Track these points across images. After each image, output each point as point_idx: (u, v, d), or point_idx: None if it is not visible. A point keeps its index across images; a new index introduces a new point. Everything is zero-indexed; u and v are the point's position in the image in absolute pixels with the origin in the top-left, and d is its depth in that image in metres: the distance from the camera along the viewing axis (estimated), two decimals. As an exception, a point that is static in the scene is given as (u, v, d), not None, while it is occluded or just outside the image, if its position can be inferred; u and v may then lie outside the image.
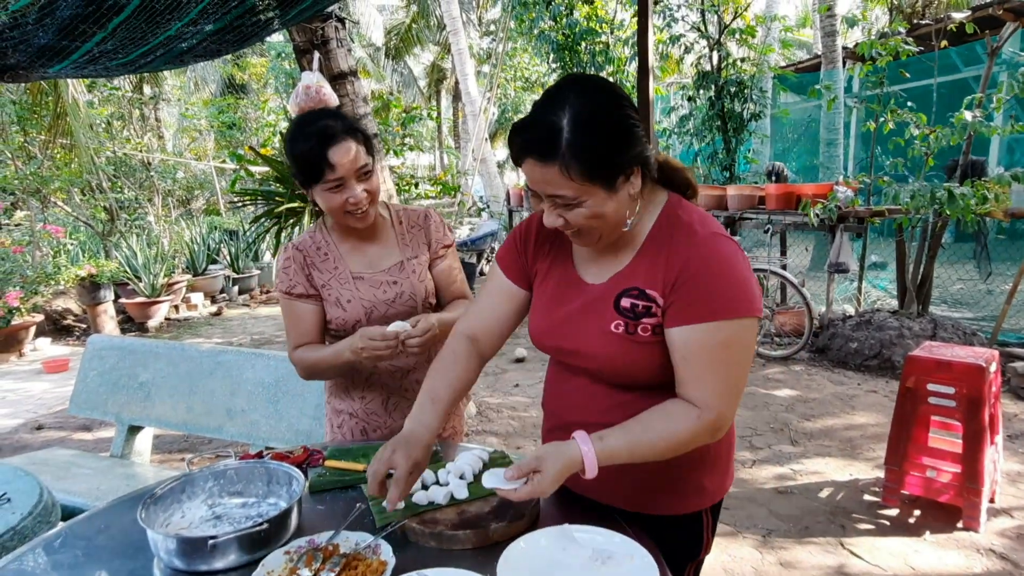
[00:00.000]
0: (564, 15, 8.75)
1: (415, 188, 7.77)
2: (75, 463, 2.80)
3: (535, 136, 1.09)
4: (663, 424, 1.15)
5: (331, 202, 1.60)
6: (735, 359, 1.15)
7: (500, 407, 4.62)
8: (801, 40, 19.79)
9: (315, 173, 1.56)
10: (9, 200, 8.24)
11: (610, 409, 1.23)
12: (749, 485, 3.36)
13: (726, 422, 1.16)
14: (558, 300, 1.30)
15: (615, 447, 1.13)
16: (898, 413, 3.05)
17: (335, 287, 1.72)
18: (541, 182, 1.12)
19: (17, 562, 1.19)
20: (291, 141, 1.60)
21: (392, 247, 1.78)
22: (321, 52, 3.79)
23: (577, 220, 1.14)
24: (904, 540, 2.82)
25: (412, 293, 1.74)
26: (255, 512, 1.31)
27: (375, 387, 1.79)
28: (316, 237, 1.77)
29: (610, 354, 1.21)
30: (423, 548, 1.19)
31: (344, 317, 1.71)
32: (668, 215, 1.23)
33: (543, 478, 1.10)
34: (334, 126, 1.56)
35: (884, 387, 4.71)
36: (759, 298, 1.17)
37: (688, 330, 1.14)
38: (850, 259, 5.55)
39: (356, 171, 1.58)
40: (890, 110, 5.46)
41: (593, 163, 1.08)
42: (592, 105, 1.09)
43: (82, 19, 2.38)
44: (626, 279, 1.22)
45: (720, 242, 1.17)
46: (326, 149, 1.53)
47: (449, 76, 24.47)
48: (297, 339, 1.72)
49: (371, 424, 1.80)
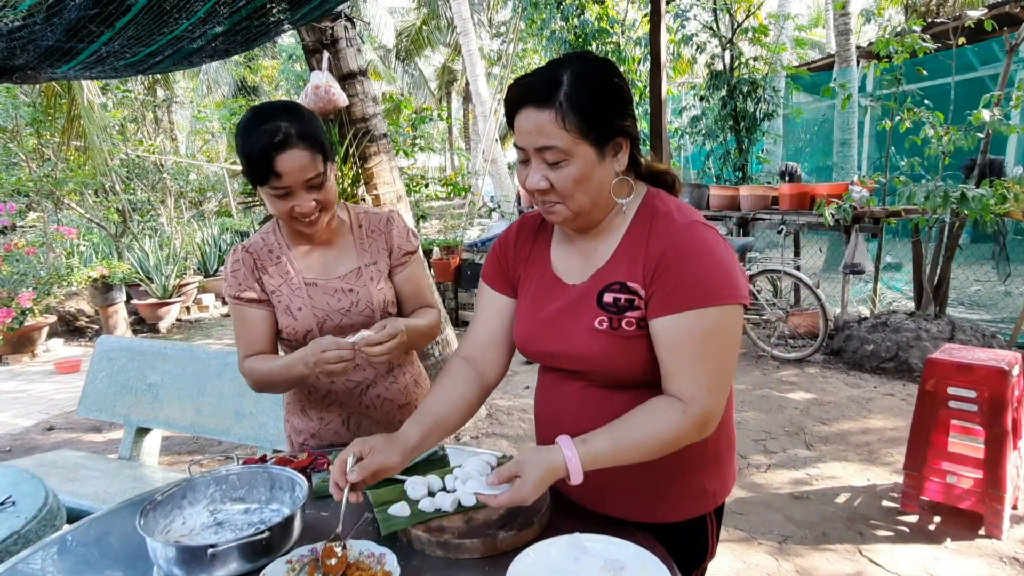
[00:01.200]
0: (575, 15, 8.71)
1: (425, 188, 7.75)
2: (83, 465, 2.79)
3: (535, 83, 1.11)
4: (647, 422, 1.12)
5: (276, 207, 1.50)
6: (720, 348, 1.12)
7: (511, 410, 4.59)
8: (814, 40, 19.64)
9: (260, 177, 1.45)
10: (23, 202, 8.30)
11: (603, 413, 1.18)
12: (764, 490, 3.30)
13: (714, 415, 1.13)
14: (539, 304, 1.28)
15: (599, 450, 1.09)
16: (917, 417, 2.98)
17: (285, 293, 1.60)
18: (534, 131, 1.10)
19: (16, 568, 1.17)
20: (242, 134, 1.45)
21: (349, 252, 1.66)
22: (330, 52, 3.77)
23: (562, 183, 1.12)
24: (924, 547, 2.75)
25: (368, 302, 1.63)
26: (257, 518, 1.28)
27: (333, 406, 1.69)
28: (268, 239, 1.65)
29: (597, 353, 1.18)
30: (429, 557, 1.15)
31: (295, 326, 1.59)
32: (647, 205, 1.22)
33: (523, 483, 1.07)
34: (287, 131, 1.42)
35: (901, 390, 4.63)
36: (743, 284, 1.15)
37: (670, 320, 1.12)
38: (866, 260, 5.46)
39: (304, 181, 1.46)
40: (906, 108, 5.38)
41: (587, 115, 1.09)
42: (592, 68, 1.13)
43: (89, 19, 2.37)
44: (607, 274, 1.20)
45: (698, 229, 1.15)
46: (273, 156, 1.41)
47: (459, 78, 24.52)
48: (247, 348, 1.60)
49: (336, 441, 1.70)
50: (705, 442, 1.18)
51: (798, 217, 5.85)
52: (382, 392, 1.72)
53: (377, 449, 1.17)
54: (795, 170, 8.07)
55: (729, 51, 8.03)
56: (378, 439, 1.19)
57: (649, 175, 1.27)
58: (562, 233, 1.30)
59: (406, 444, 1.21)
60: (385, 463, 1.17)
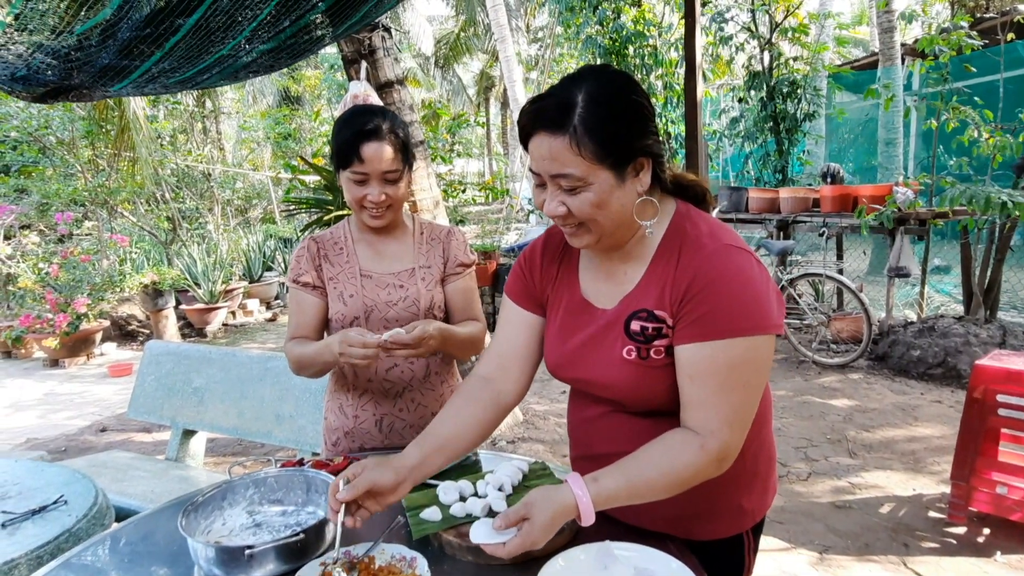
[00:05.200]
0: (611, 19, 8.67)
1: (462, 193, 7.83)
2: (132, 466, 2.89)
3: (547, 107, 1.06)
4: (662, 458, 1.07)
5: (351, 192, 1.63)
6: (745, 381, 1.07)
7: (547, 414, 4.59)
8: (857, 38, 19.16)
9: (345, 160, 1.59)
10: (79, 211, 8.66)
11: (634, 437, 1.16)
12: (805, 499, 3.23)
13: (732, 451, 1.09)
14: (569, 329, 1.25)
15: (612, 489, 1.06)
16: (965, 425, 2.89)
17: (341, 281, 1.71)
18: (548, 158, 1.06)
19: (63, 566, 1.23)
20: (339, 123, 1.64)
21: (407, 253, 1.77)
22: (368, 62, 3.85)
23: (580, 208, 1.08)
24: (973, 560, 2.66)
25: (416, 300, 1.71)
26: (294, 520, 1.32)
27: (368, 405, 1.76)
28: (337, 232, 1.79)
29: (626, 383, 1.15)
30: (459, 562, 1.18)
31: (344, 312, 1.69)
32: (676, 227, 1.16)
33: (532, 527, 1.03)
34: (379, 124, 1.58)
35: (949, 397, 4.49)
36: (776, 313, 1.09)
37: (694, 348, 1.08)
38: (911, 263, 5.30)
39: (382, 172, 1.60)
40: (952, 107, 5.21)
41: (604, 140, 1.04)
42: (608, 87, 1.07)
43: (141, 40, 2.47)
44: (635, 301, 1.16)
45: (730, 253, 1.09)
46: (361, 142, 1.56)
47: (498, 83, 24.64)
48: (295, 330, 1.71)
49: (367, 444, 1.77)
50: (743, 459, 1.15)
51: (840, 219, 5.72)
52: (417, 397, 1.77)
53: (368, 467, 1.14)
54: (838, 171, 7.86)
55: (768, 51, 7.90)
56: (371, 459, 1.18)
57: (677, 188, 1.22)
58: (589, 252, 1.26)
59: (401, 463, 1.17)
60: (377, 480, 1.12)
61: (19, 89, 2.89)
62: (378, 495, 1.14)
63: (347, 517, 1.11)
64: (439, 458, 1.22)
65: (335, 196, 4.56)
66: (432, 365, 1.78)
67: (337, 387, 1.81)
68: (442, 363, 1.82)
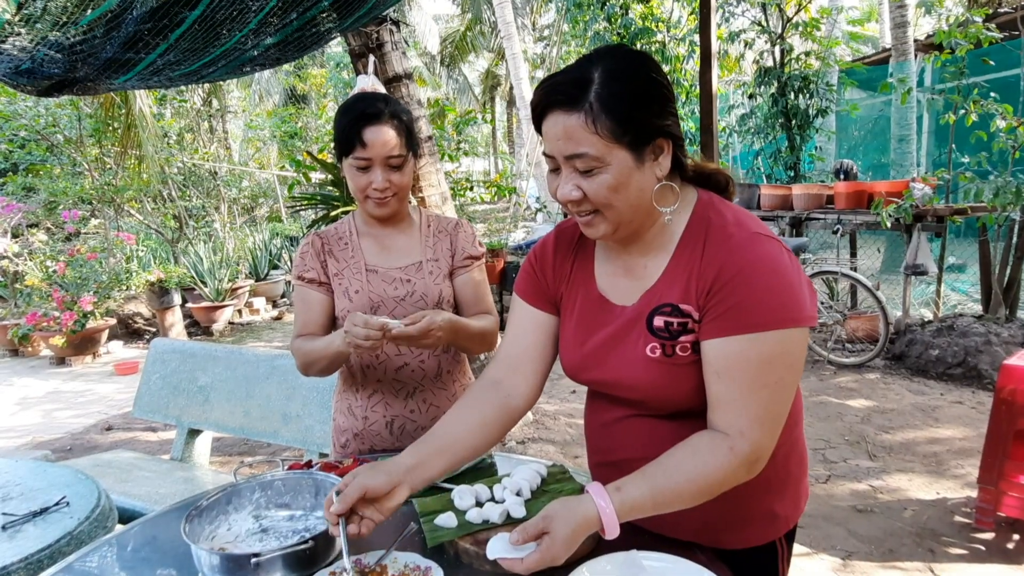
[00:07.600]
0: (619, 15, 8.60)
1: (469, 191, 7.77)
2: (137, 466, 2.84)
3: (562, 83, 1.00)
4: (689, 464, 1.00)
5: (355, 180, 1.59)
6: (778, 378, 1.00)
7: (557, 414, 4.52)
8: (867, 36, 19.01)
9: (347, 146, 1.55)
10: (86, 209, 8.65)
11: (658, 441, 1.10)
12: (825, 502, 3.15)
13: (764, 453, 1.02)
14: (587, 328, 1.17)
15: (636, 498, 0.99)
16: (992, 427, 2.80)
17: (347, 276, 1.67)
18: (562, 138, 0.99)
19: (64, 571, 1.17)
20: (340, 109, 1.60)
21: (414, 247, 1.72)
22: (376, 55, 3.79)
23: (596, 192, 1.01)
24: (1003, 568, 2.58)
25: (424, 294, 1.66)
26: (302, 526, 1.25)
27: (378, 407, 1.70)
28: (341, 227, 1.75)
29: (651, 382, 1.08)
30: (477, 571, 1.11)
31: (350, 308, 1.63)
32: (699, 216, 1.10)
33: (552, 541, 0.96)
34: (380, 108, 1.54)
35: (970, 398, 4.39)
36: (810, 304, 1.02)
37: (722, 342, 1.01)
38: (928, 260, 5.21)
39: (386, 157, 1.55)
40: (972, 101, 5.11)
41: (622, 117, 0.97)
42: (626, 64, 1.01)
43: (145, 32, 2.42)
44: (658, 295, 1.09)
45: (759, 242, 1.03)
46: (363, 126, 1.52)
47: (504, 82, 24.58)
48: (301, 328, 1.67)
49: (377, 445, 1.71)
50: (775, 461, 1.08)
51: (855, 216, 5.63)
52: (428, 397, 1.71)
53: (359, 474, 1.06)
54: (851, 168, 7.77)
55: (779, 47, 7.81)
56: (363, 466, 1.11)
57: (698, 177, 1.15)
58: (605, 246, 1.19)
59: (394, 466, 1.09)
60: (368, 485, 1.04)
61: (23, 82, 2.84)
62: (374, 500, 1.06)
63: (351, 525, 1.04)
64: (440, 461, 1.14)
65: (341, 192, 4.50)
66: (444, 363, 1.72)
67: (346, 387, 1.75)
68: (454, 361, 1.76)
